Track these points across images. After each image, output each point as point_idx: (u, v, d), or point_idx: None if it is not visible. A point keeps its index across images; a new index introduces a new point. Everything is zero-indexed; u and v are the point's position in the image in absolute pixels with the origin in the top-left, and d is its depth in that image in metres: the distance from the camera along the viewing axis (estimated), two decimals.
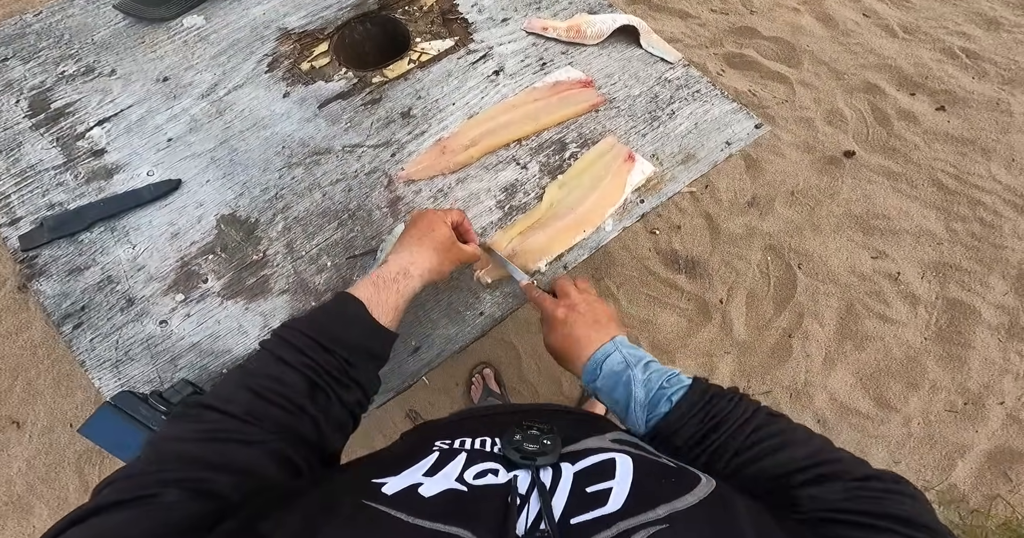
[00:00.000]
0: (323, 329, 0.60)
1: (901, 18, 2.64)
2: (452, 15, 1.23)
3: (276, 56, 1.21)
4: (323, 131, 1.12)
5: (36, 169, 1.09)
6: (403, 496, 0.42)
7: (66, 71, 1.20)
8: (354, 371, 0.59)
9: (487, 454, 0.50)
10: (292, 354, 0.56)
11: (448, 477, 0.45)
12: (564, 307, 0.73)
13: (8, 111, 1.15)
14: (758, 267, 2.09)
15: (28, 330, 2.03)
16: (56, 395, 1.95)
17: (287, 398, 0.53)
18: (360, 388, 0.60)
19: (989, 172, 2.20)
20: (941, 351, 1.97)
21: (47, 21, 1.26)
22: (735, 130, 1.08)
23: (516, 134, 1.08)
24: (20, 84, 1.18)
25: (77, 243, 1.01)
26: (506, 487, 0.44)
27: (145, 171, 1.08)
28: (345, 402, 0.58)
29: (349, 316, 0.63)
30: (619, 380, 0.63)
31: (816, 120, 2.35)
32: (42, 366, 1.98)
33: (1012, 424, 1.87)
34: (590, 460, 0.47)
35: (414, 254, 0.73)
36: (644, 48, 1.16)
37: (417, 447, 0.52)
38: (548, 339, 0.74)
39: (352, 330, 0.62)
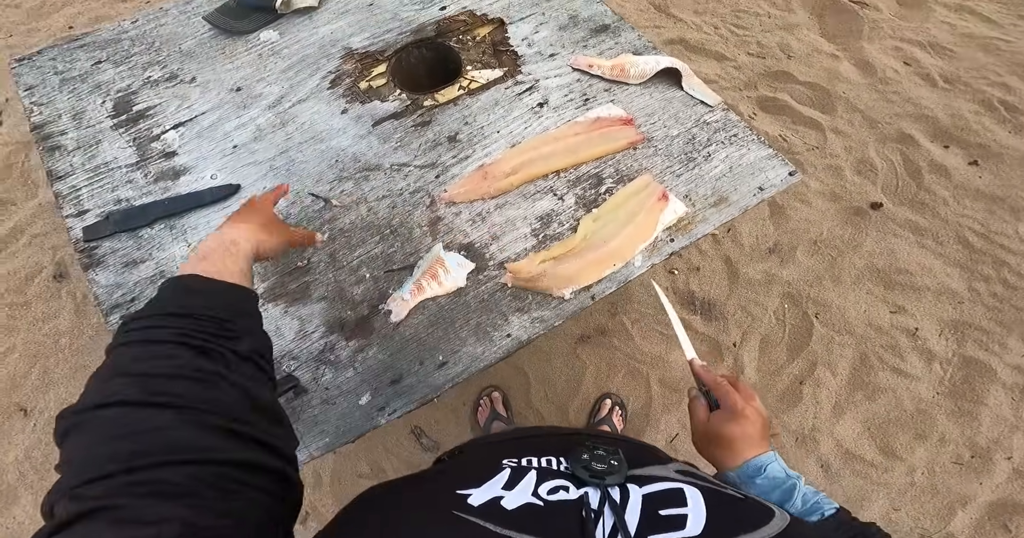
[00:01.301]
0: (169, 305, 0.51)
1: (943, 67, 2.56)
2: (503, 47, 1.25)
3: (339, 74, 1.23)
4: (375, 148, 1.13)
5: (110, 166, 1.12)
6: (489, 507, 0.42)
7: (152, 76, 1.24)
8: (229, 325, 0.51)
9: (556, 472, 0.49)
10: (153, 332, 0.47)
11: (525, 492, 0.45)
12: (751, 407, 0.70)
13: (94, 110, 1.20)
14: (774, 314, 2.04)
15: (56, 319, 2.03)
16: (70, 386, 1.93)
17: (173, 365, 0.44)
18: (249, 338, 0.52)
19: (1017, 232, 2.12)
20: (953, 406, 1.89)
21: (143, 28, 1.31)
22: (769, 176, 1.06)
23: (555, 166, 1.08)
24: (109, 86, 1.23)
25: (137, 238, 1.04)
26: (579, 502, 0.44)
27: (209, 174, 1.11)
28: (240, 353, 0.49)
29: (192, 286, 0.55)
30: (781, 485, 0.63)
31: (845, 169, 2.28)
32: (62, 355, 1.97)
33: (1017, 478, 1.78)
34: (658, 486, 0.46)
35: (239, 229, 0.67)
36: (685, 90, 1.16)
37: (486, 463, 0.51)
38: (719, 426, 0.69)
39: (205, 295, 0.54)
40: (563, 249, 1.00)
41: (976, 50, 2.61)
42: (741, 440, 0.67)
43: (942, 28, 2.69)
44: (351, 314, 0.98)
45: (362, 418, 0.90)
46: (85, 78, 1.24)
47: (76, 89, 1.22)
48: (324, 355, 0.95)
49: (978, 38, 2.65)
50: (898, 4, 2.80)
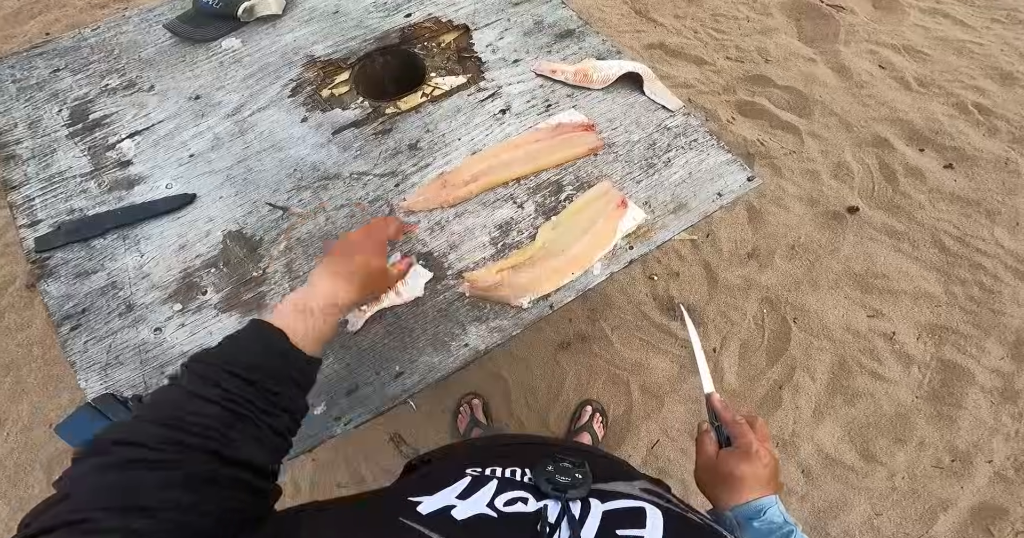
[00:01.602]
0: (237, 358, 0.54)
1: (917, 71, 2.57)
2: (467, 53, 1.23)
3: (300, 82, 1.21)
4: (334, 157, 1.11)
5: (64, 175, 1.10)
6: (437, 516, 0.41)
7: (110, 84, 1.22)
8: (281, 400, 0.54)
9: (518, 483, 0.49)
10: (205, 388, 0.50)
11: (479, 502, 0.44)
12: (764, 448, 0.70)
13: (50, 119, 1.17)
14: (753, 319, 2.02)
15: (28, 329, 2.01)
16: (42, 395, 1.91)
17: (210, 428, 0.47)
18: (289, 414, 0.55)
19: (992, 235, 2.12)
20: (932, 410, 1.88)
21: (102, 36, 1.29)
22: (728, 181, 1.05)
23: (515, 173, 1.06)
24: (66, 94, 1.21)
25: (89, 248, 1.01)
26: (535, 515, 0.43)
27: (164, 184, 1.09)
28: (276, 430, 0.52)
29: (271, 347, 0.57)
30: (776, 531, 0.63)
31: (822, 173, 2.28)
32: (35, 365, 1.95)
33: (999, 482, 1.77)
34: (620, 503, 0.46)
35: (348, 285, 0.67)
36: (647, 95, 1.14)
37: (448, 470, 0.51)
38: (730, 463, 0.68)
39: (274, 361, 0.56)
40: (521, 257, 0.98)
41: (950, 53, 2.63)
42: (750, 480, 0.66)
43: (916, 31, 2.71)
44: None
45: (318, 427, 0.88)
46: (42, 86, 1.21)
47: (33, 97, 1.20)
48: None
49: (951, 41, 2.67)
50: (873, 7, 2.81)
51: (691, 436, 1.85)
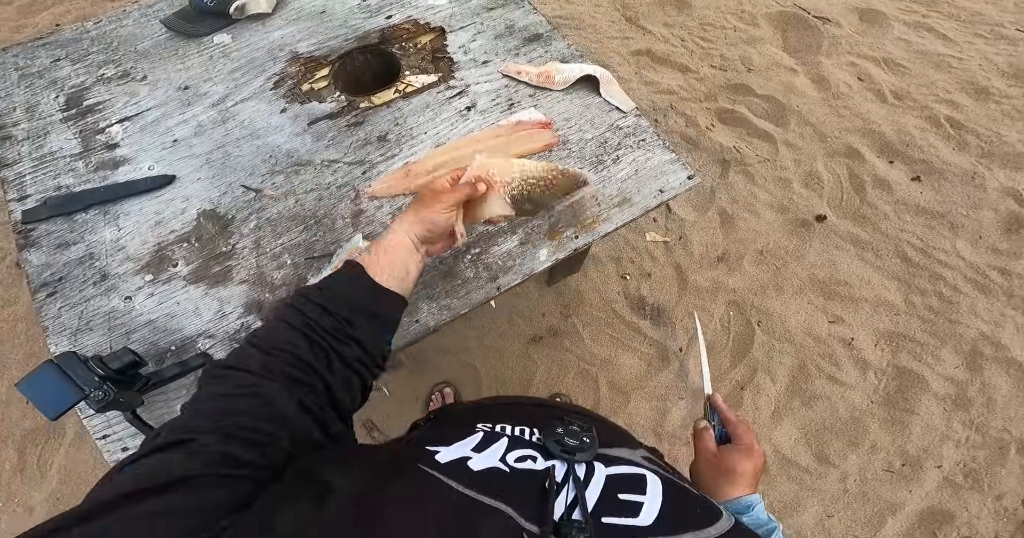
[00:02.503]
0: (323, 292, 0.60)
1: (894, 83, 2.59)
2: (441, 54, 1.28)
3: (283, 76, 1.26)
4: (308, 145, 1.16)
5: (55, 155, 1.15)
6: (455, 466, 0.43)
7: (106, 74, 1.27)
8: (352, 329, 0.58)
9: (527, 442, 0.50)
10: (294, 316, 0.57)
11: (493, 456, 0.46)
12: (759, 448, 0.74)
13: (47, 104, 1.22)
14: (719, 321, 2.05)
15: (15, 305, 2.02)
16: (23, 371, 1.85)
17: (292, 354, 0.54)
18: (359, 345, 0.59)
19: (954, 248, 2.14)
20: (885, 415, 1.89)
21: (104, 29, 1.34)
22: (670, 179, 1.09)
23: None
24: (64, 82, 1.25)
25: (71, 221, 1.06)
26: (544, 473, 0.44)
27: (147, 165, 1.13)
28: (345, 358, 0.57)
29: (347, 278, 0.64)
30: (762, 526, 0.65)
31: (794, 181, 2.30)
32: (18, 341, 1.97)
33: (947, 487, 1.79)
34: (623, 469, 0.47)
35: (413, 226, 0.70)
36: (603, 97, 1.19)
37: (460, 424, 0.53)
38: (731, 459, 0.71)
39: (350, 290, 0.62)
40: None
41: (928, 67, 2.63)
42: (748, 476, 0.69)
43: (898, 44, 2.72)
44: (269, 297, 1.00)
45: None
46: (43, 74, 1.26)
47: (33, 84, 1.25)
48: (240, 334, 0.96)
49: (931, 55, 2.67)
50: (859, 20, 2.82)
51: (655, 433, 1.87)
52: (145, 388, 0.85)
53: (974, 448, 1.84)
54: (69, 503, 1.77)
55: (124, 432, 0.89)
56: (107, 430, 0.89)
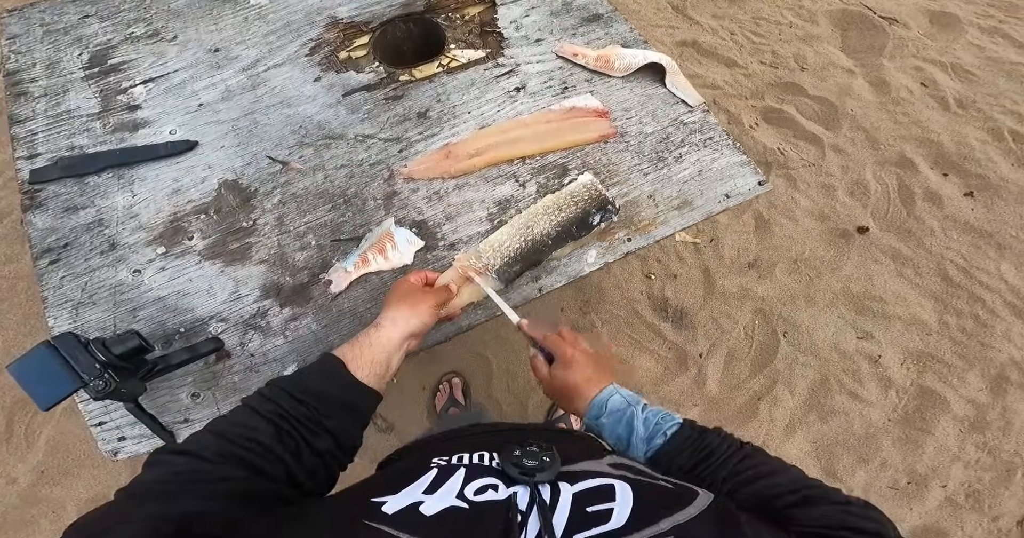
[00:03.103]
0: (299, 384, 0.58)
1: (959, 91, 2.35)
2: (490, 28, 1.15)
3: (320, 42, 1.14)
4: (341, 118, 1.05)
5: (72, 114, 1.05)
6: (405, 515, 0.39)
7: (135, 32, 1.16)
8: (327, 421, 0.55)
9: (486, 469, 0.47)
10: (263, 404, 0.55)
11: (449, 494, 0.42)
12: (579, 351, 0.71)
13: (69, 61, 1.12)
14: (744, 329, 1.93)
15: (17, 262, 1.93)
16: (19, 332, 1.84)
17: (253, 440, 0.50)
18: (333, 438, 0.56)
19: (998, 270, 2.00)
20: (900, 433, 1.79)
21: None
22: (737, 183, 0.96)
23: (522, 152, 0.99)
24: (89, 39, 1.15)
25: (82, 184, 0.96)
26: (506, 503, 0.41)
27: (169, 129, 1.03)
28: (316, 449, 0.54)
29: (325, 371, 0.61)
30: (622, 417, 0.63)
31: (838, 189, 2.14)
32: (17, 300, 1.87)
33: (947, 506, 1.71)
34: (589, 483, 0.44)
35: (384, 310, 0.71)
36: (668, 88, 1.06)
37: (413, 465, 0.49)
38: (560, 377, 0.70)
39: (327, 383, 0.59)
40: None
41: (999, 75, 2.42)
42: (583, 384, 0.67)
43: (969, 50, 2.50)
44: (289, 280, 0.90)
45: None
46: (68, 31, 1.16)
47: (57, 41, 1.14)
48: (255, 320, 0.87)
49: (1003, 63, 2.45)
50: (930, 23, 2.60)
51: None
52: (149, 375, 0.76)
53: (982, 470, 1.76)
54: (53, 476, 1.69)
55: (123, 420, 0.80)
56: (104, 417, 0.80)
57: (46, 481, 1.68)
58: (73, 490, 1.68)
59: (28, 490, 1.67)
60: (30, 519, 1.65)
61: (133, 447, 0.79)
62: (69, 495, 1.67)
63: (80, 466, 1.70)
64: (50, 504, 1.66)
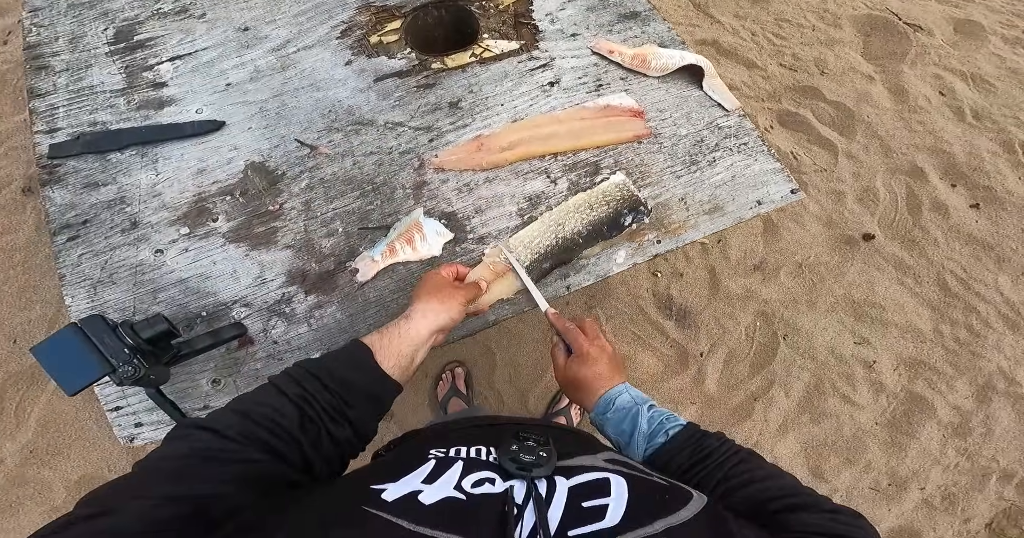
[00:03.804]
0: (326, 368, 0.56)
1: (977, 101, 2.29)
2: (525, 19, 1.10)
3: (351, 25, 1.09)
4: (372, 104, 1.00)
5: (95, 89, 1.00)
6: (403, 503, 0.39)
7: (162, 8, 1.11)
8: (349, 411, 0.54)
9: (483, 463, 0.46)
10: (290, 386, 0.53)
11: (447, 485, 0.42)
12: (595, 347, 0.70)
13: (93, 36, 1.07)
14: (745, 330, 1.91)
15: (14, 233, 1.85)
16: (14, 306, 1.77)
17: (277, 424, 0.49)
18: (352, 428, 0.55)
19: (995, 282, 1.98)
20: (887, 437, 1.80)
21: None
22: (770, 190, 0.93)
23: (554, 147, 0.95)
24: (116, 14, 1.10)
25: (104, 161, 0.91)
26: (503, 496, 0.41)
27: (195, 108, 0.98)
28: (335, 438, 0.53)
29: (353, 359, 0.59)
30: (627, 415, 0.63)
31: (848, 195, 2.10)
32: (13, 272, 1.80)
33: (923, 508, 1.73)
34: (585, 477, 0.44)
35: (414, 303, 0.69)
36: (704, 90, 1.02)
37: (411, 455, 0.48)
38: (573, 370, 0.70)
39: (353, 372, 0.58)
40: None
41: (1016, 86, 2.35)
42: (594, 380, 0.67)
43: (991, 60, 2.42)
44: (315, 267, 0.86)
45: None
46: (93, 5, 1.10)
47: (81, 15, 1.08)
48: (279, 306, 0.83)
49: (1023, 74, 2.38)
50: (954, 31, 2.51)
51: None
52: (173, 360, 0.72)
53: (959, 474, 1.77)
54: (42, 456, 1.63)
55: (140, 406, 0.76)
56: (120, 402, 0.76)
57: (35, 461, 1.63)
58: (62, 471, 1.62)
59: (15, 470, 1.61)
60: (15, 501, 1.59)
61: (150, 433, 0.76)
62: (57, 476, 1.62)
63: (70, 447, 1.64)
64: (37, 485, 1.61)
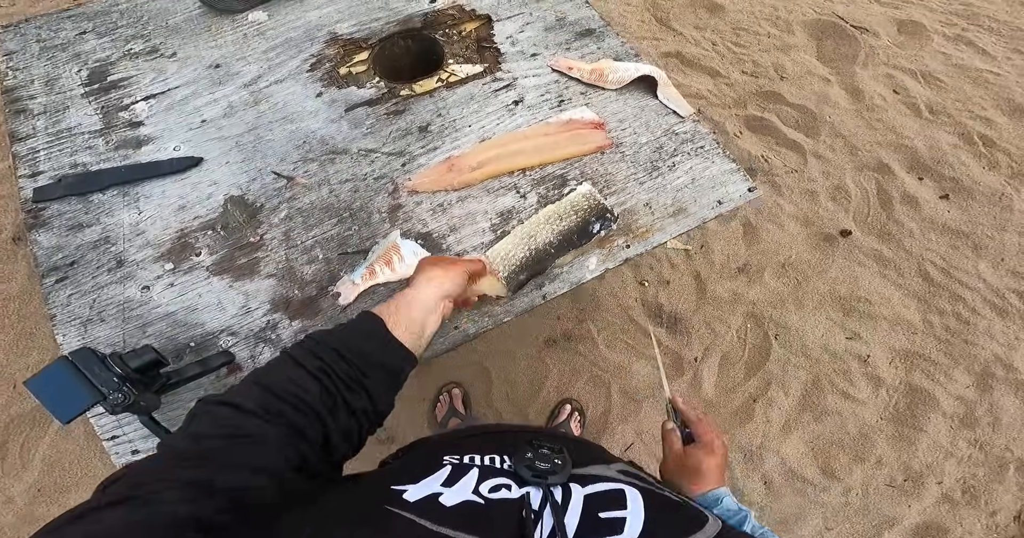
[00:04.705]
0: (341, 339, 0.58)
1: (930, 97, 2.48)
2: (487, 43, 1.19)
3: (320, 58, 1.17)
4: (344, 133, 1.07)
5: (73, 131, 1.06)
6: (425, 504, 0.41)
7: (133, 49, 1.18)
8: (366, 380, 0.56)
9: (498, 470, 0.48)
10: (308, 358, 0.55)
11: (465, 489, 0.43)
12: (720, 442, 0.75)
13: (68, 78, 1.13)
14: (736, 332, 1.99)
15: (8, 282, 1.92)
16: (12, 352, 1.83)
17: (299, 398, 0.50)
18: (368, 397, 0.56)
19: (976, 269, 2.08)
20: (893, 431, 1.86)
21: (135, 2, 1.25)
22: (729, 190, 1.01)
23: (522, 163, 1.02)
24: (88, 56, 1.16)
25: (87, 202, 0.97)
26: (520, 502, 0.43)
27: (173, 146, 1.05)
28: (352, 407, 0.54)
29: (366, 329, 0.61)
30: (735, 517, 0.66)
31: (821, 194, 2.22)
32: (9, 321, 1.88)
33: (945, 502, 1.76)
34: (600, 486, 0.46)
35: (416, 275, 0.71)
36: (660, 99, 1.11)
37: (426, 460, 0.50)
38: (697, 457, 0.73)
39: (368, 342, 0.59)
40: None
41: (965, 82, 2.53)
42: (713, 471, 0.71)
43: (936, 58, 2.61)
44: (298, 293, 0.92)
45: None
46: (66, 47, 1.17)
47: (54, 57, 1.15)
48: (265, 333, 0.89)
49: (969, 70, 2.57)
50: (898, 31, 2.71)
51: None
52: (163, 388, 0.77)
53: (975, 466, 1.82)
54: (50, 494, 1.68)
55: (135, 433, 0.81)
56: (116, 431, 0.81)
57: (43, 500, 1.67)
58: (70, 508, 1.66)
59: (25, 508, 1.65)
60: None
61: None
62: None
63: (77, 484, 1.69)
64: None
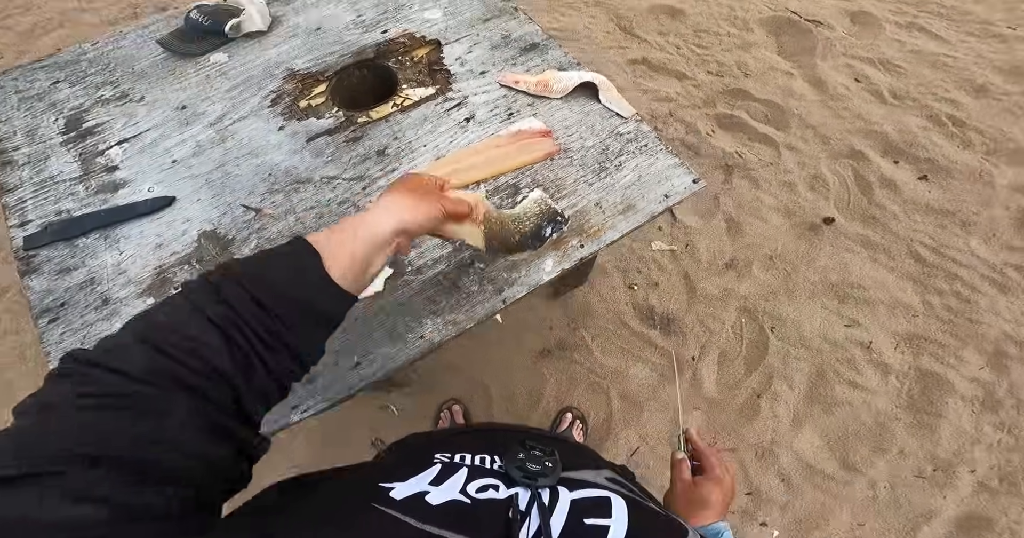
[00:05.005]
0: (259, 277, 0.48)
1: (892, 84, 2.57)
2: (438, 66, 1.28)
3: (280, 93, 1.26)
4: (307, 162, 1.15)
5: (55, 179, 1.14)
6: (411, 502, 0.41)
7: (103, 95, 1.27)
8: (287, 333, 0.48)
9: (488, 470, 0.48)
10: (214, 305, 0.45)
11: (452, 488, 0.44)
12: (730, 476, 0.77)
13: (46, 127, 1.22)
14: (732, 328, 2.02)
15: (20, 333, 2.01)
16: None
17: (199, 357, 0.42)
18: (290, 354, 0.48)
19: (968, 246, 2.10)
20: (911, 419, 1.85)
21: (101, 50, 1.35)
22: (674, 184, 1.07)
23: (476, 177, 1.09)
24: (63, 104, 1.26)
25: (72, 246, 1.05)
26: (507, 502, 0.43)
27: (147, 187, 1.13)
28: (270, 368, 0.47)
29: (296, 266, 0.51)
30: None
31: (799, 185, 2.27)
32: (26, 368, 1.95)
33: (983, 492, 1.74)
34: (587, 492, 0.46)
35: (382, 197, 0.61)
36: (603, 103, 1.18)
37: (417, 458, 0.49)
38: (706, 489, 0.75)
39: (296, 285, 0.50)
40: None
41: (924, 66, 2.62)
42: (718, 505, 0.72)
43: (892, 45, 2.71)
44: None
45: (274, 414, 0.90)
46: (42, 97, 1.27)
47: (33, 107, 1.25)
48: None
49: (926, 54, 2.66)
50: (851, 22, 2.81)
51: (670, 443, 1.83)
52: None
53: (1007, 451, 1.80)
54: None
55: None
56: None
57: None
58: None
59: None
60: None
61: None
62: None
63: None
64: None
